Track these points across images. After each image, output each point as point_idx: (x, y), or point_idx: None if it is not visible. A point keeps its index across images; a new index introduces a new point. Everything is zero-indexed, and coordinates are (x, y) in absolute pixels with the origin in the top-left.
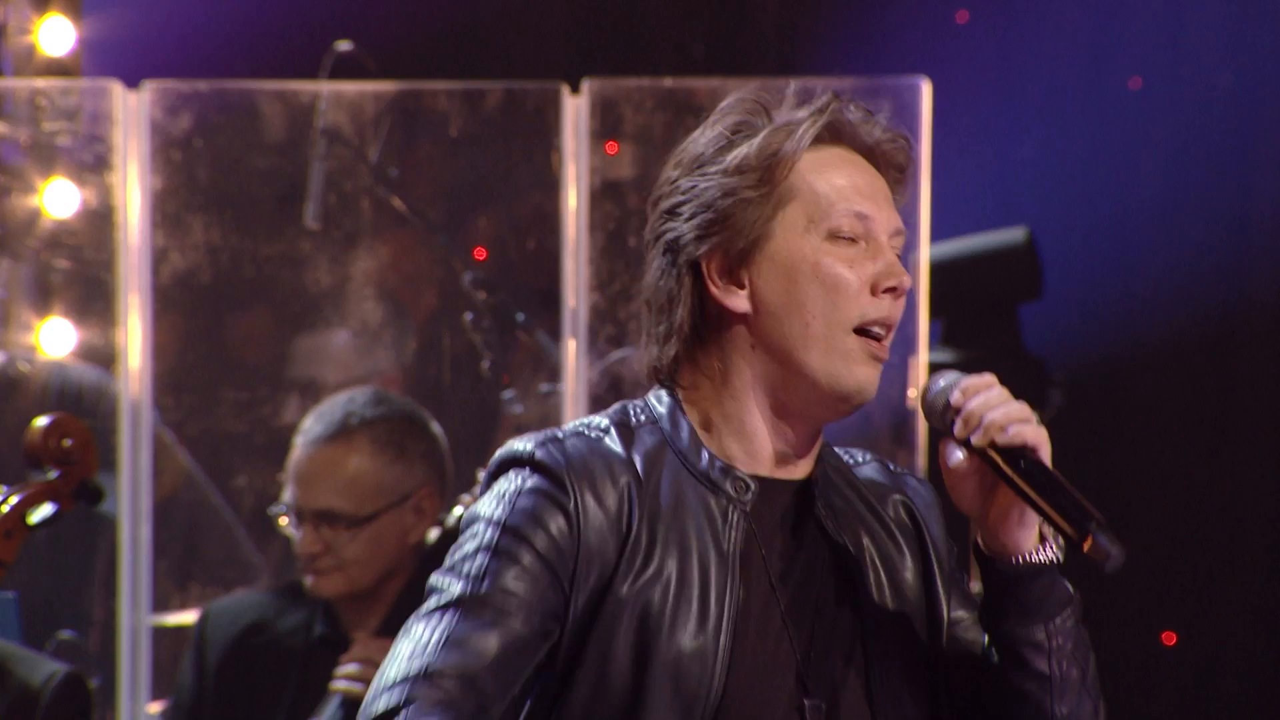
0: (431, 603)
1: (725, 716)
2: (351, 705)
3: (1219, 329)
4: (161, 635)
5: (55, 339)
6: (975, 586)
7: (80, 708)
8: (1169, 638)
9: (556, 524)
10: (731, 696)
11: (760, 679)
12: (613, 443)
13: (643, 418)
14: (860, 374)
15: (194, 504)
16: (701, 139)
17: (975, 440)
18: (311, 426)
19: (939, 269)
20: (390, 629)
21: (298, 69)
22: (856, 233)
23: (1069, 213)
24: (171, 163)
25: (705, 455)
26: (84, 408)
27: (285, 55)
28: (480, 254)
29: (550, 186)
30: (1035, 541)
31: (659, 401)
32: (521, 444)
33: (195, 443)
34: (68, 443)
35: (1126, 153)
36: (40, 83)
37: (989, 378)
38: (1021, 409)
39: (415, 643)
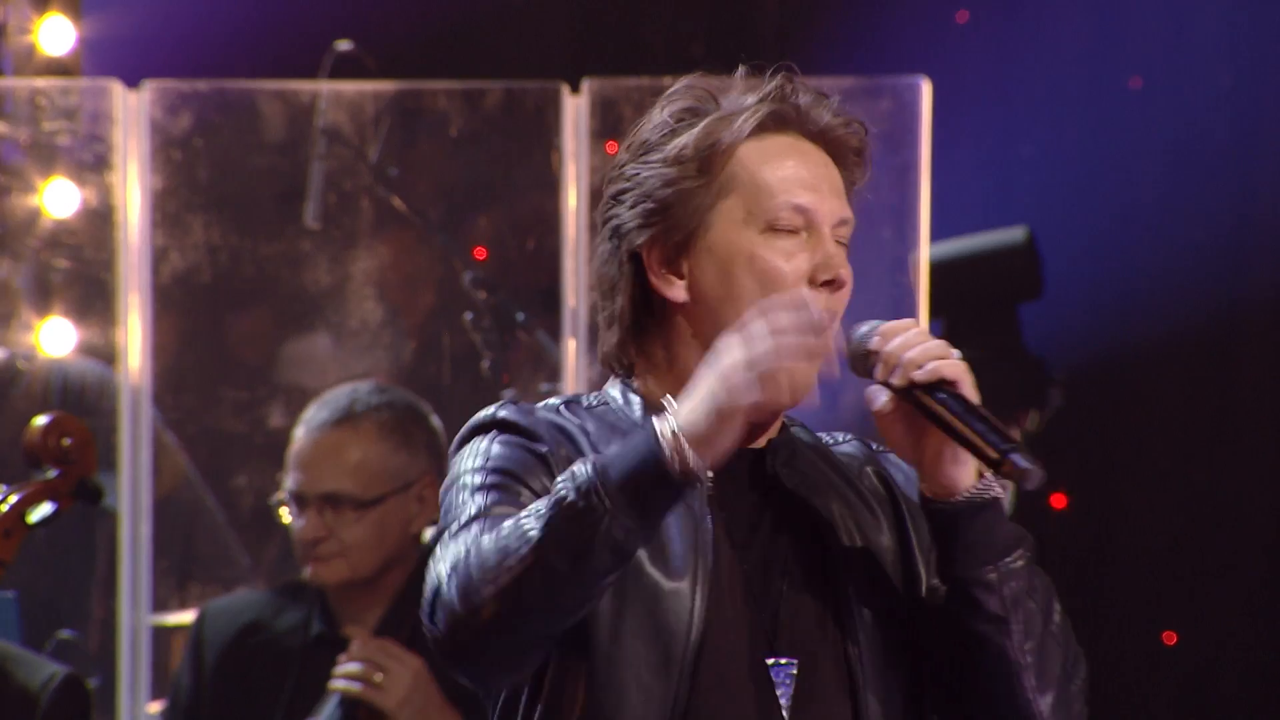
0: (444, 536)
1: (702, 665)
2: (350, 705)
3: (1219, 328)
4: (161, 635)
5: (55, 338)
6: None
7: (79, 710)
8: (1169, 637)
9: (536, 463)
10: (708, 648)
11: (731, 637)
12: (568, 415)
13: (593, 400)
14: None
15: (193, 503)
16: (648, 125)
17: (895, 381)
18: (316, 414)
19: (939, 268)
20: (389, 627)
21: (297, 69)
22: (796, 224)
23: (1069, 212)
24: (171, 162)
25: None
26: (86, 405)
27: (285, 55)
28: (480, 253)
29: (550, 186)
30: (973, 480)
31: (610, 387)
32: (485, 411)
33: (194, 442)
34: (67, 442)
35: (1126, 152)
36: (40, 82)
37: (908, 320)
38: (939, 346)
39: (454, 532)
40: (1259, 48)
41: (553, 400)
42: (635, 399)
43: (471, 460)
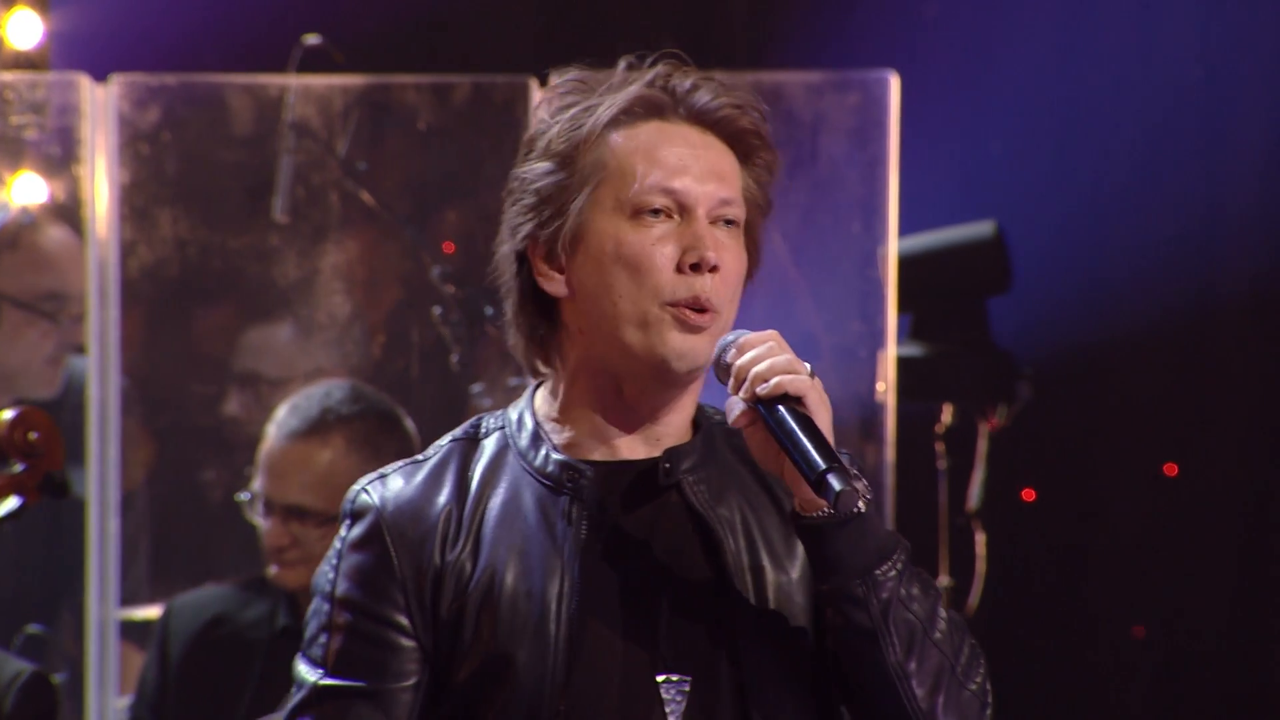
0: (295, 700)
1: (577, 682)
2: None
3: (1188, 322)
4: (130, 629)
5: None
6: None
7: (45, 708)
8: (1139, 631)
9: (379, 576)
10: (576, 689)
11: (613, 663)
12: (443, 463)
13: (493, 424)
14: (675, 342)
15: (163, 497)
16: (532, 125)
17: (743, 395)
18: (287, 419)
19: (907, 263)
20: None
21: (266, 63)
22: (668, 207)
23: (1038, 207)
24: (139, 156)
25: (544, 451)
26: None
27: (253, 49)
28: (449, 248)
29: None
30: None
31: (516, 403)
32: (349, 492)
33: (163, 436)
34: (33, 436)
35: (1095, 147)
36: (7, 76)
37: (766, 334)
38: (787, 361)
39: None
40: (1228, 42)
41: (445, 438)
42: (528, 419)
43: (326, 571)
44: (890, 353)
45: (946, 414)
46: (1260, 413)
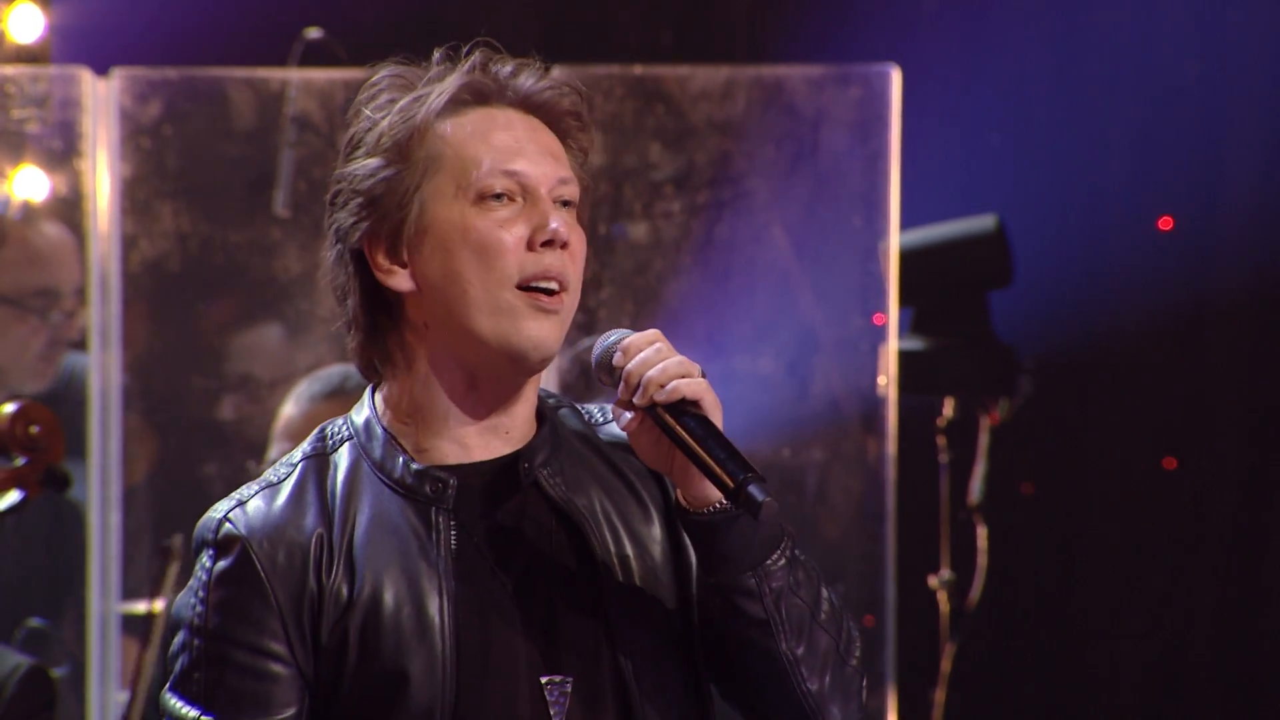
0: None
1: (463, 685)
2: None
3: (1187, 316)
4: (131, 624)
5: None
6: None
7: (44, 702)
8: (1135, 622)
9: (253, 606)
10: (467, 700)
11: (499, 669)
12: (302, 484)
13: (342, 434)
14: (530, 329)
15: (164, 492)
16: (354, 123)
17: (638, 400)
18: (308, 388)
19: (909, 257)
20: None
21: (267, 56)
22: (511, 190)
23: (1039, 200)
24: (141, 150)
25: (400, 462)
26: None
27: (255, 43)
28: None
29: None
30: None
31: (359, 408)
32: (205, 521)
33: (165, 430)
34: (34, 429)
35: (1096, 141)
36: (9, 70)
37: (650, 334)
38: (680, 364)
39: None
40: (1226, 36)
41: (295, 454)
42: (376, 426)
43: (191, 603)
44: (891, 347)
45: (948, 408)
46: (1260, 406)
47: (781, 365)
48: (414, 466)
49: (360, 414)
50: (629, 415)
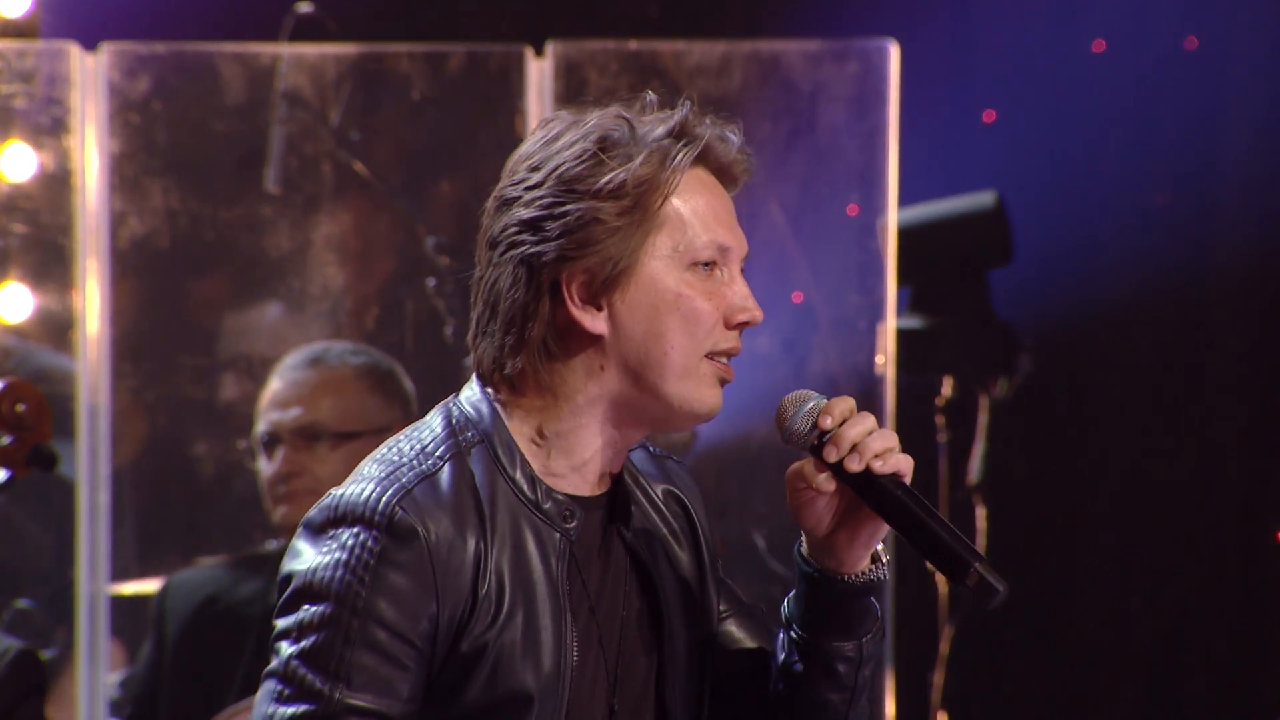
0: (291, 710)
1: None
2: None
3: (1187, 292)
4: (120, 605)
5: (12, 304)
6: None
7: (34, 685)
8: (1133, 603)
9: (416, 599)
10: (576, 702)
11: (592, 704)
12: (457, 484)
13: (470, 435)
14: (710, 396)
15: (153, 472)
16: (565, 151)
17: (853, 466)
18: (293, 359)
19: (907, 234)
20: None
21: (258, 31)
22: (716, 260)
23: (1038, 177)
24: (130, 126)
25: (536, 483)
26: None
27: (245, 17)
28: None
29: (513, 150)
30: (869, 561)
31: (478, 412)
32: (359, 496)
33: (153, 409)
34: (21, 408)
35: (1095, 117)
36: None
37: (850, 402)
38: (893, 436)
39: None
40: (1222, 10)
41: (432, 445)
42: (510, 440)
43: (340, 574)
44: (890, 325)
45: (947, 386)
46: (1259, 382)
47: (778, 344)
48: (543, 488)
49: (481, 419)
50: (824, 475)
